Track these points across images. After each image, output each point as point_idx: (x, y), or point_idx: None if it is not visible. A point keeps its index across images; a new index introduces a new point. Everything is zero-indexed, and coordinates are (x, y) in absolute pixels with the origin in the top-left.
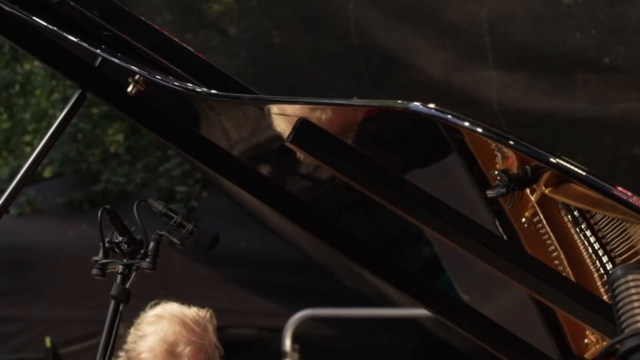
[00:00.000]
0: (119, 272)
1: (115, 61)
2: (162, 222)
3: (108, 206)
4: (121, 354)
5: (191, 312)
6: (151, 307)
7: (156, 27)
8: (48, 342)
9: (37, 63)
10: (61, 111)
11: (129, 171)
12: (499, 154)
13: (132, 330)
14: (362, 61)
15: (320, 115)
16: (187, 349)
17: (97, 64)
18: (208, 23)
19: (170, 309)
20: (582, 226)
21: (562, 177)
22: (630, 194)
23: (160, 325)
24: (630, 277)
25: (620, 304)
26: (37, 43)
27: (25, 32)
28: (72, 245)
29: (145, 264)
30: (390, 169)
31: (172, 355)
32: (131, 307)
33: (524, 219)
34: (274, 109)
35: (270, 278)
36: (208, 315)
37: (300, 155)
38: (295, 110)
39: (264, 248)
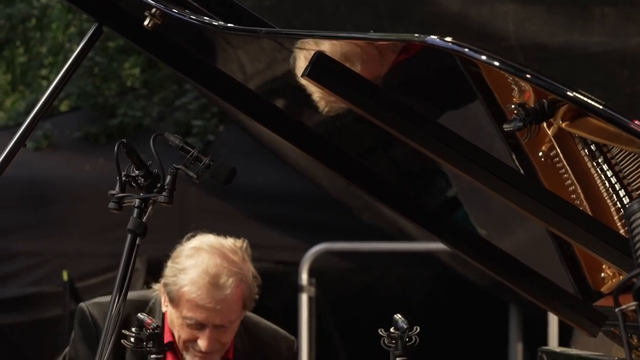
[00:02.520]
0: (136, 205)
1: None
2: (178, 156)
3: (124, 140)
4: (156, 286)
5: (228, 242)
6: (187, 240)
7: None
8: (65, 275)
9: None
10: (77, 45)
11: (145, 105)
12: (516, 88)
13: (169, 263)
14: None
15: (336, 49)
16: (230, 280)
17: None
18: None
19: (208, 240)
20: (599, 160)
21: (579, 111)
22: None
23: (199, 257)
24: None
25: (637, 238)
26: None
27: None
28: (89, 179)
29: (161, 198)
30: (407, 103)
31: (215, 287)
32: (147, 241)
33: (540, 153)
34: (291, 42)
35: (287, 212)
36: (244, 245)
37: (316, 89)
38: (311, 43)
39: (281, 182)
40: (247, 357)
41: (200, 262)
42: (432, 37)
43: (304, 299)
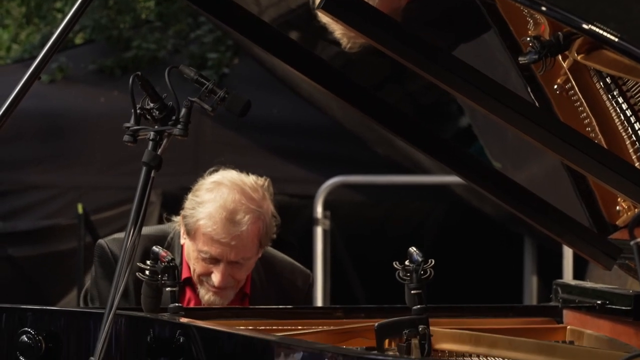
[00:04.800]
0: (151, 138)
1: None
2: (193, 88)
3: (139, 72)
4: (176, 219)
5: (250, 180)
6: (209, 174)
7: None
8: (80, 208)
9: None
10: None
11: (160, 38)
12: (531, 21)
13: (189, 196)
14: None
15: None
16: (247, 217)
17: None
18: None
19: (229, 176)
20: (614, 93)
21: (595, 44)
22: None
23: (219, 192)
24: None
25: None
26: None
27: None
28: (104, 112)
29: (176, 131)
30: (422, 36)
31: (231, 222)
32: (162, 173)
33: (555, 86)
34: None
35: (302, 145)
36: (266, 183)
37: (337, 26)
38: None
39: (295, 115)
40: (264, 291)
41: (219, 196)
42: None
43: (318, 231)
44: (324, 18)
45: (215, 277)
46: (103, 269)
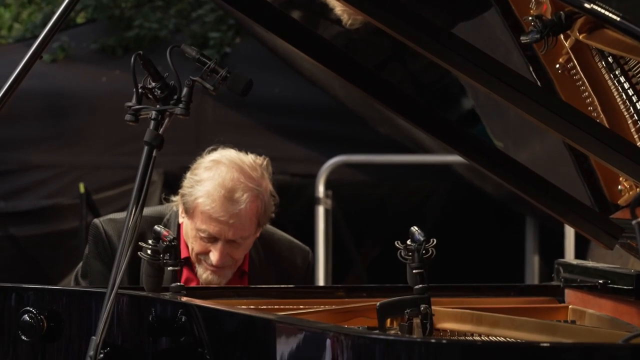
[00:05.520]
0: (152, 117)
1: None
2: (195, 68)
3: (141, 52)
4: (174, 198)
5: (248, 158)
6: (208, 152)
7: None
8: (82, 188)
9: None
10: None
11: (162, 17)
12: (533, 0)
13: (188, 174)
14: None
15: None
16: (245, 196)
17: None
18: None
19: (228, 154)
20: (616, 72)
21: (597, 23)
22: None
23: (218, 170)
24: None
25: None
26: None
27: None
28: (105, 91)
29: (178, 110)
30: (423, 15)
31: (229, 200)
32: (164, 153)
33: (557, 65)
34: None
35: (303, 124)
36: (265, 162)
37: (336, 2)
38: None
39: (297, 94)
40: (262, 269)
41: (217, 175)
42: None
43: (320, 211)
44: None
45: (214, 256)
46: (96, 248)
